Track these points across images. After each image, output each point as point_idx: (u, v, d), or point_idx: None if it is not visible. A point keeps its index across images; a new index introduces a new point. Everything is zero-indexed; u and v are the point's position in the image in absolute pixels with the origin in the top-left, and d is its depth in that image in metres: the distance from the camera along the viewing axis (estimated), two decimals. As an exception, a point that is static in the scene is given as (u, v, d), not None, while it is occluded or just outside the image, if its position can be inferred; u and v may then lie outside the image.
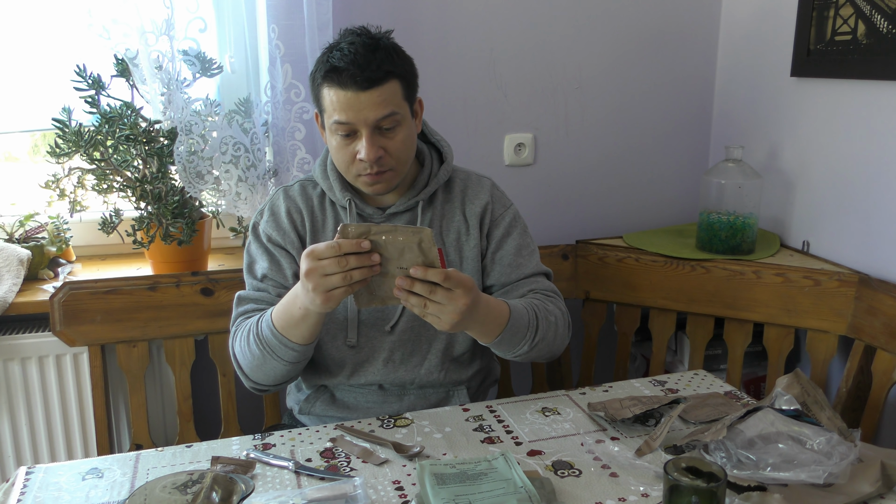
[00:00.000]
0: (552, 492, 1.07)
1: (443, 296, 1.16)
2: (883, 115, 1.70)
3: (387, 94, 1.30)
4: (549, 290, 1.48)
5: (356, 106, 1.29)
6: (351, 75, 1.27)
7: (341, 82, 1.28)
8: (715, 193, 1.92)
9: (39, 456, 1.79)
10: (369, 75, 1.27)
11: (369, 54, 1.28)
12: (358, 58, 1.28)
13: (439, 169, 1.47)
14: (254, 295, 1.42)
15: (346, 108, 1.29)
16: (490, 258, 1.49)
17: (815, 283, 1.74)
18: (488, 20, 2.03)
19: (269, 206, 1.46)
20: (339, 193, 1.42)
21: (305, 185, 1.48)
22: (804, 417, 1.18)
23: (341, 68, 1.28)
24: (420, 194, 1.44)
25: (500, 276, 1.48)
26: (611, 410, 1.30)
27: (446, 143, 1.50)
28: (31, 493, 1.11)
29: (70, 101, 1.70)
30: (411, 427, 1.30)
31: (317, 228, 1.44)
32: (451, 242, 1.47)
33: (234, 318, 1.42)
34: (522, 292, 1.46)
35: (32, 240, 1.83)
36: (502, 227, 1.49)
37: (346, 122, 1.30)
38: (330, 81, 1.30)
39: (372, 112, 1.29)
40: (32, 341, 1.72)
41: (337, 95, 1.29)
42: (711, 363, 2.02)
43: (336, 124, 1.31)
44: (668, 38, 2.17)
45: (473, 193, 1.49)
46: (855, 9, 1.73)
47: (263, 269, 1.42)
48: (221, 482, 0.95)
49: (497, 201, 1.50)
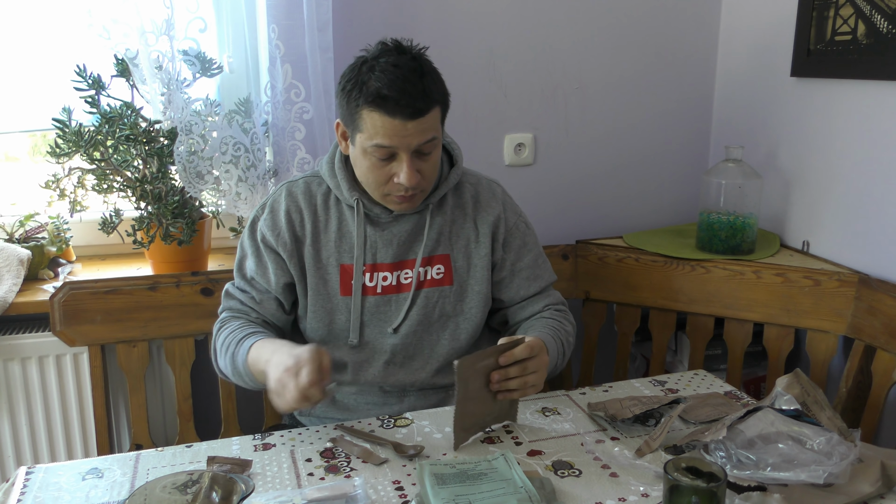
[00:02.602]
0: (552, 492, 1.07)
1: (534, 364, 1.24)
2: (883, 115, 1.70)
3: (431, 122, 1.29)
4: (560, 304, 1.53)
5: (401, 133, 1.27)
6: (399, 105, 1.24)
7: (388, 110, 1.25)
8: (715, 193, 1.92)
9: (39, 456, 1.79)
10: (419, 106, 1.26)
11: (417, 82, 1.25)
12: (407, 86, 1.24)
13: (449, 172, 1.46)
14: (239, 295, 1.44)
15: (392, 135, 1.27)
16: (509, 269, 1.49)
17: (815, 283, 1.74)
18: (488, 20, 2.03)
19: (270, 202, 1.46)
20: (346, 192, 1.41)
21: (310, 183, 1.46)
22: (804, 417, 1.18)
23: (389, 97, 1.24)
24: (430, 197, 1.43)
25: (518, 288, 1.50)
26: (611, 410, 1.30)
27: (457, 145, 1.49)
28: (31, 493, 1.11)
29: (70, 101, 1.70)
30: (411, 427, 1.30)
31: (318, 229, 1.43)
32: (460, 248, 1.46)
33: (221, 311, 1.46)
34: (539, 308, 1.50)
35: (32, 240, 1.83)
36: (518, 237, 1.50)
37: (389, 146, 1.28)
38: (375, 107, 1.25)
39: (415, 139, 1.28)
40: (32, 341, 1.72)
41: (382, 121, 1.26)
42: (711, 363, 2.02)
43: (377, 148, 1.29)
44: (668, 38, 2.17)
45: (485, 202, 1.49)
46: (855, 9, 1.73)
47: (252, 270, 1.43)
48: (221, 482, 0.95)
49: (509, 210, 1.51)
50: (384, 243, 1.42)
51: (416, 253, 1.43)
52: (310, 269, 1.42)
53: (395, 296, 1.43)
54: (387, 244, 1.42)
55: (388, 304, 1.43)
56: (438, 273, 1.44)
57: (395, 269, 1.43)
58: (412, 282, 1.43)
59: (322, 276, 1.42)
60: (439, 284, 1.44)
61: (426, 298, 1.43)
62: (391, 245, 1.42)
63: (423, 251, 1.43)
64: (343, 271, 1.42)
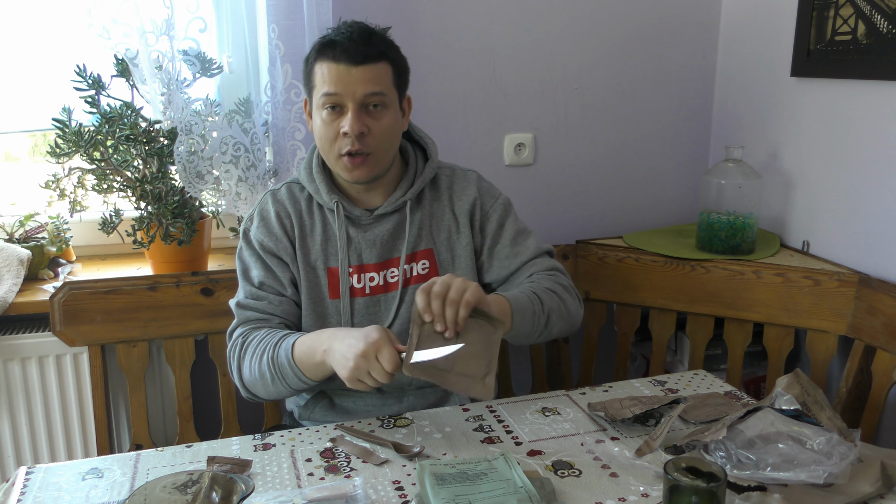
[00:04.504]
0: (552, 492, 1.07)
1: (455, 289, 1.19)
2: (883, 115, 1.70)
3: (378, 73, 1.33)
4: (549, 269, 1.49)
5: (346, 79, 1.31)
6: (345, 49, 1.31)
7: (335, 56, 1.32)
8: (715, 193, 1.92)
9: (39, 456, 1.79)
10: (363, 50, 1.32)
11: (365, 35, 1.34)
12: (353, 34, 1.33)
13: (424, 167, 1.47)
14: (253, 304, 1.41)
15: (337, 81, 1.32)
16: (487, 254, 1.49)
17: (815, 283, 1.74)
18: (488, 20, 2.03)
19: (258, 210, 1.45)
20: (325, 196, 1.41)
21: (292, 188, 1.46)
22: (804, 417, 1.18)
23: (336, 41, 1.32)
24: (407, 194, 1.43)
25: (499, 269, 1.48)
26: (611, 410, 1.30)
27: (430, 139, 1.50)
28: (31, 493, 1.11)
29: (70, 101, 1.70)
30: (411, 427, 1.29)
31: (305, 233, 1.43)
32: (443, 241, 1.47)
33: (237, 325, 1.41)
34: (522, 279, 1.47)
35: (32, 240, 1.83)
36: (494, 219, 1.49)
37: (334, 93, 1.32)
38: (324, 56, 1.33)
39: (361, 87, 1.32)
40: (32, 341, 1.72)
41: (329, 68, 1.32)
42: (711, 363, 2.02)
43: (325, 96, 1.33)
44: (668, 38, 2.17)
45: (460, 189, 1.49)
46: (855, 9, 1.73)
47: (259, 276, 1.41)
48: (221, 482, 0.95)
49: (485, 194, 1.50)
50: (368, 244, 1.42)
51: (399, 251, 1.44)
52: (301, 273, 1.42)
53: (384, 295, 1.43)
54: (370, 245, 1.42)
55: (377, 304, 1.43)
56: (423, 268, 1.45)
57: (381, 268, 1.43)
58: (399, 280, 1.43)
59: (312, 280, 1.42)
60: (425, 280, 1.43)
61: (414, 295, 1.43)
62: (375, 245, 1.42)
63: (407, 248, 1.43)
64: (330, 274, 1.42)
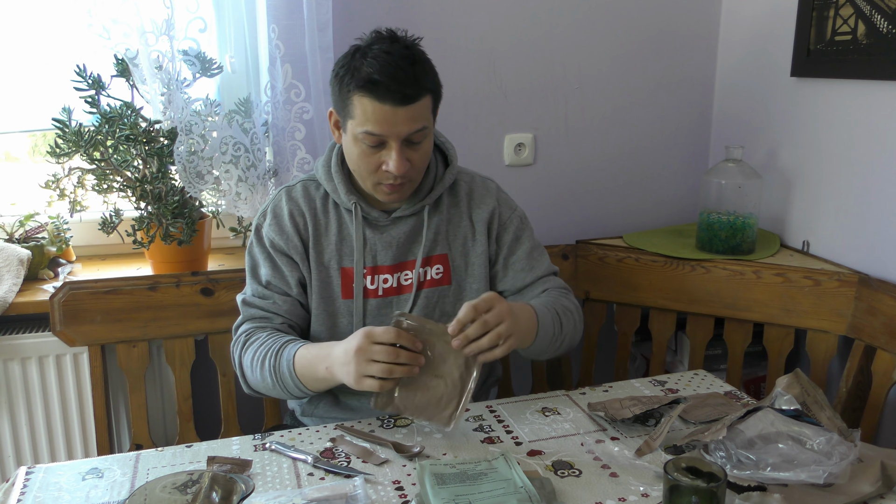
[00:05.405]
0: (552, 492, 1.07)
1: (495, 316, 1.20)
2: (883, 115, 1.70)
3: (421, 110, 1.29)
4: (561, 287, 1.51)
5: (391, 120, 1.27)
6: (389, 90, 1.25)
7: (378, 95, 1.25)
8: (715, 193, 1.92)
9: (39, 456, 1.79)
10: (409, 92, 1.26)
11: (408, 68, 1.26)
12: (398, 73, 1.25)
13: (444, 172, 1.46)
14: (259, 302, 1.41)
15: (381, 122, 1.27)
16: (502, 263, 1.49)
17: (815, 283, 1.74)
18: (488, 20, 2.03)
19: (271, 207, 1.45)
20: (344, 196, 1.41)
21: (308, 186, 1.46)
22: (804, 417, 1.18)
23: (380, 82, 1.24)
24: (426, 198, 1.43)
25: (513, 280, 1.49)
26: (611, 410, 1.30)
27: (451, 144, 1.50)
28: (31, 493, 1.11)
29: (70, 101, 1.70)
30: (411, 427, 1.30)
31: (319, 232, 1.43)
32: (458, 247, 1.47)
33: (241, 322, 1.42)
34: (536, 293, 1.48)
35: (32, 240, 1.83)
36: (511, 231, 1.49)
37: (378, 134, 1.29)
38: (366, 92, 1.26)
39: (406, 127, 1.28)
40: (32, 341, 1.72)
41: (373, 107, 1.26)
42: (711, 363, 2.02)
43: (366, 135, 1.29)
44: (668, 38, 2.17)
45: (479, 198, 1.49)
46: (855, 9, 1.73)
47: (267, 275, 1.42)
48: (221, 482, 0.95)
49: (504, 205, 1.51)
50: (384, 245, 1.42)
51: (415, 254, 1.44)
52: (313, 272, 1.42)
53: (397, 297, 1.44)
54: (386, 246, 1.42)
55: (389, 306, 1.43)
56: (438, 273, 1.45)
57: (395, 270, 1.43)
58: (412, 283, 1.43)
59: (324, 280, 1.42)
60: (438, 284, 1.45)
61: (426, 299, 1.44)
62: (391, 247, 1.42)
63: (423, 252, 1.43)
64: (344, 274, 1.42)
